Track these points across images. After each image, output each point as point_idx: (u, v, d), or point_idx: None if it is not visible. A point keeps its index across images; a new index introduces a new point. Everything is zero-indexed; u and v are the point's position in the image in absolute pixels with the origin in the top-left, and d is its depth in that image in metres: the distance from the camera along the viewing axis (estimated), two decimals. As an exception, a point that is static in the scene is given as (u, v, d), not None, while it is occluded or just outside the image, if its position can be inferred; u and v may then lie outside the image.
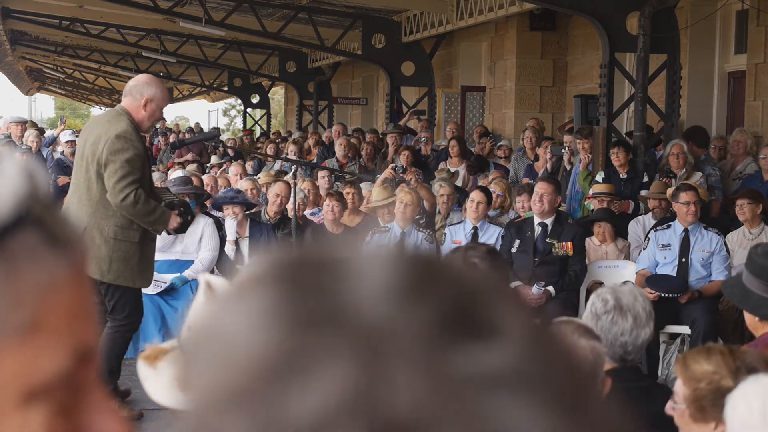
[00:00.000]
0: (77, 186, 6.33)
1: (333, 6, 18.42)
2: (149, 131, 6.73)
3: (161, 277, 8.45)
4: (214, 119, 48.44)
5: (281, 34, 19.02)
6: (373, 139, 15.71)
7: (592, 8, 11.49)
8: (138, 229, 6.27)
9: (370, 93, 24.23)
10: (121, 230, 6.23)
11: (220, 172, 13.54)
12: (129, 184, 6.10)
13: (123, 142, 6.12)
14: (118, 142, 6.12)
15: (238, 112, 54.54)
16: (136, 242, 6.26)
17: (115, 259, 6.21)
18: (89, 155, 6.22)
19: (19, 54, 31.68)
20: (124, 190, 6.10)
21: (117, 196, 6.10)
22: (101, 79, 38.74)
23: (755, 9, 12.09)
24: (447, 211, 10.25)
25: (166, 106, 6.41)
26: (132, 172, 6.12)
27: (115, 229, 6.21)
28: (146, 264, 6.39)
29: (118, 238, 6.22)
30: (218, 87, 33.63)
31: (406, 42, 18.43)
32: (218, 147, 17.73)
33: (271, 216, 9.50)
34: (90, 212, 6.21)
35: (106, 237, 6.17)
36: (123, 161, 6.09)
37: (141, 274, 6.34)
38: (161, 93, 6.32)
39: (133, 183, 6.12)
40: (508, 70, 16.80)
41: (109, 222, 6.19)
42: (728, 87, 13.43)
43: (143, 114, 6.23)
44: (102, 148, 6.14)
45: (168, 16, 19.12)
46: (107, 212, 6.19)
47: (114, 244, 6.21)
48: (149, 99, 6.23)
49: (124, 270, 6.26)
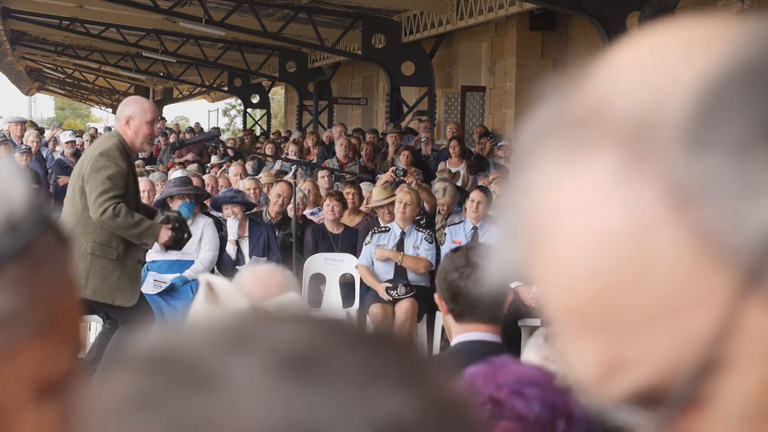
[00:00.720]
0: (66, 201, 6.56)
1: (333, 6, 18.42)
2: (145, 149, 6.79)
3: (161, 277, 8.46)
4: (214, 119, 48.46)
5: (281, 34, 19.03)
6: (373, 139, 15.71)
7: (592, 8, 11.50)
8: (117, 247, 6.34)
9: (370, 93, 24.23)
10: (99, 246, 6.30)
11: (220, 172, 13.54)
12: (108, 198, 6.20)
13: (105, 159, 6.25)
14: (101, 160, 6.25)
15: (238, 112, 54.56)
16: (113, 259, 6.33)
17: (91, 275, 6.29)
18: (77, 173, 6.41)
19: (19, 54, 31.69)
20: (102, 205, 6.20)
21: (96, 210, 6.21)
22: (101, 79, 38.79)
23: (755, 9, 12.10)
24: (447, 212, 10.27)
25: (150, 118, 6.42)
26: (112, 188, 6.22)
27: (92, 244, 6.29)
28: (128, 282, 6.43)
29: (95, 254, 6.30)
30: (218, 87, 33.65)
31: (406, 42, 18.43)
32: (218, 147, 17.73)
33: (273, 216, 9.51)
34: (71, 227, 6.30)
35: (83, 252, 6.26)
36: (104, 177, 6.21)
37: (121, 291, 6.39)
38: (140, 107, 6.40)
39: (113, 198, 6.21)
40: (508, 70, 16.80)
41: (87, 238, 6.28)
42: (728, 87, 13.45)
43: (130, 133, 6.33)
44: (86, 165, 6.31)
45: (168, 16, 19.13)
46: (87, 228, 6.28)
47: (91, 260, 6.29)
48: (129, 117, 6.32)
49: (101, 286, 6.32)
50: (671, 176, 0.58)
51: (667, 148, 0.58)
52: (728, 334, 0.57)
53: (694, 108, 0.58)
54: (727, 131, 0.56)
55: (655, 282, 0.58)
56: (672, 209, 0.57)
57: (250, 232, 9.17)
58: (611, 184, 0.59)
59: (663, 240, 0.58)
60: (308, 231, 9.55)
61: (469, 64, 19.15)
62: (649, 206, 0.58)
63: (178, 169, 12.71)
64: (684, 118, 0.58)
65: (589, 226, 0.60)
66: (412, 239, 8.96)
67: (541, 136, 0.64)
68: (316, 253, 9.36)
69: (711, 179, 0.56)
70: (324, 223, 9.66)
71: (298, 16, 18.65)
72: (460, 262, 3.42)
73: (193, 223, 8.64)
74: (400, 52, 18.51)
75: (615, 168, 0.59)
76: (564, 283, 0.61)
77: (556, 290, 0.62)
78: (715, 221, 0.56)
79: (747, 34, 0.60)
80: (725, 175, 0.56)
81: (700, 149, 0.57)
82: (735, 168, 0.56)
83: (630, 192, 0.59)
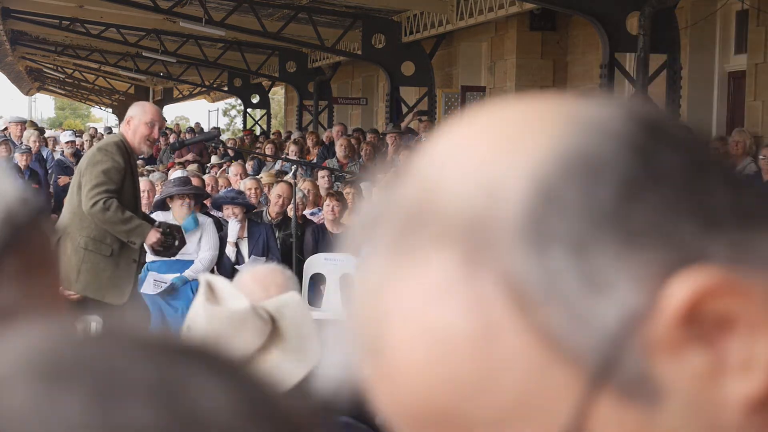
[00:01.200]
0: (66, 198, 6.66)
1: (333, 6, 18.42)
2: (143, 150, 6.82)
3: (161, 277, 8.46)
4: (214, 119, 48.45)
5: (281, 34, 19.03)
6: (373, 140, 15.71)
7: (592, 8, 11.50)
8: (112, 244, 6.36)
9: (370, 93, 24.23)
10: (93, 242, 6.33)
11: (220, 172, 13.54)
12: (101, 192, 6.24)
13: (102, 154, 6.33)
14: (98, 155, 6.34)
15: (238, 112, 54.55)
16: (107, 256, 6.35)
17: (83, 270, 6.31)
18: (77, 170, 6.54)
19: (19, 54, 31.70)
20: (94, 197, 6.23)
21: (88, 202, 6.25)
22: (101, 79, 38.78)
23: (755, 9, 12.09)
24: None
25: (149, 119, 6.48)
26: (106, 182, 6.26)
27: (86, 239, 6.33)
28: (120, 280, 6.44)
29: (88, 249, 6.33)
30: (218, 87, 33.64)
31: (406, 42, 18.43)
32: (218, 147, 17.73)
33: (273, 217, 9.51)
34: (67, 221, 6.38)
35: (77, 246, 6.29)
36: (99, 171, 6.27)
37: (112, 290, 6.39)
38: (141, 109, 6.51)
39: (106, 192, 6.25)
40: (508, 70, 16.80)
41: (82, 233, 6.32)
42: (728, 87, 13.43)
43: (129, 133, 6.42)
44: (85, 161, 6.45)
45: (168, 16, 19.13)
46: (82, 223, 6.32)
47: (84, 255, 6.32)
48: (130, 117, 6.44)
49: (92, 282, 6.33)
50: (511, 275, 0.55)
51: (504, 246, 0.56)
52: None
53: (529, 202, 0.56)
54: (564, 227, 0.55)
55: (501, 384, 0.56)
56: (514, 309, 0.55)
57: (249, 232, 9.17)
58: (449, 284, 0.57)
59: (507, 341, 0.56)
60: (308, 231, 9.55)
61: (469, 64, 19.15)
62: (491, 307, 0.56)
63: (178, 169, 12.71)
64: (519, 213, 0.56)
65: (427, 329, 0.57)
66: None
67: (371, 231, 0.61)
68: (317, 253, 9.36)
69: (551, 278, 0.55)
70: (324, 223, 9.66)
71: (298, 16, 18.65)
72: None
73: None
74: (400, 52, 18.50)
75: (452, 267, 0.57)
76: (403, 390, 0.58)
77: (394, 396, 0.59)
78: (559, 320, 0.55)
79: (580, 121, 0.58)
80: (565, 273, 0.54)
81: (537, 246, 0.55)
82: (574, 265, 0.55)
83: (470, 292, 0.56)
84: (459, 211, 0.57)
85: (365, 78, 24.71)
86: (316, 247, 9.44)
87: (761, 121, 12.22)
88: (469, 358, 0.56)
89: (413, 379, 0.58)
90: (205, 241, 8.76)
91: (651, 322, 0.54)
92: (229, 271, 8.74)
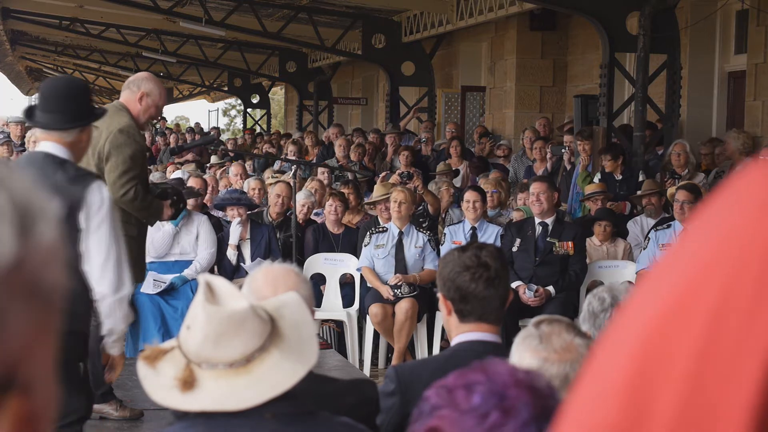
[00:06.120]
0: None
1: (333, 6, 18.42)
2: (145, 128, 6.71)
3: (161, 277, 8.45)
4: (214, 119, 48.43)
5: (281, 34, 19.03)
6: (374, 140, 15.71)
7: (592, 8, 11.50)
8: (136, 224, 6.29)
9: (370, 93, 24.23)
10: (120, 224, 6.24)
11: (220, 173, 13.53)
12: (130, 179, 6.13)
13: (125, 137, 6.13)
14: (121, 137, 6.12)
15: (238, 112, 54.53)
16: (134, 236, 6.26)
17: None
18: (90, 152, 6.09)
19: (19, 54, 31.67)
20: (125, 186, 6.12)
21: (118, 191, 6.10)
22: (101, 79, 38.77)
23: (755, 9, 12.08)
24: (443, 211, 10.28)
25: (162, 104, 6.39)
26: (133, 168, 6.15)
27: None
28: (141, 258, 6.40)
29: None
30: (218, 87, 33.63)
31: (406, 42, 18.43)
32: (218, 149, 17.75)
33: (274, 217, 9.51)
34: None
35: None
36: (126, 156, 6.11)
37: (135, 268, 6.36)
38: (158, 90, 6.31)
39: (134, 179, 6.15)
40: (508, 70, 16.79)
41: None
42: (728, 87, 13.42)
43: (139, 108, 6.21)
44: (104, 142, 6.13)
45: (168, 16, 19.12)
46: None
47: None
48: (146, 93, 6.22)
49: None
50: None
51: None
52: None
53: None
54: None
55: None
56: None
57: (251, 234, 9.16)
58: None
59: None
60: (309, 231, 9.55)
61: (469, 64, 19.14)
62: None
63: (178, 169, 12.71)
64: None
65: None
66: (412, 239, 8.95)
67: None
68: (317, 253, 9.36)
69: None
70: (325, 223, 9.65)
71: (298, 16, 18.65)
72: (471, 262, 3.36)
73: (188, 222, 8.65)
74: (400, 52, 18.50)
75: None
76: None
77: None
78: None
79: None
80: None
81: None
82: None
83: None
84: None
85: (365, 78, 24.71)
86: (317, 247, 9.44)
87: (761, 121, 12.20)
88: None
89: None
90: (203, 239, 8.73)
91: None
92: (230, 275, 8.74)
